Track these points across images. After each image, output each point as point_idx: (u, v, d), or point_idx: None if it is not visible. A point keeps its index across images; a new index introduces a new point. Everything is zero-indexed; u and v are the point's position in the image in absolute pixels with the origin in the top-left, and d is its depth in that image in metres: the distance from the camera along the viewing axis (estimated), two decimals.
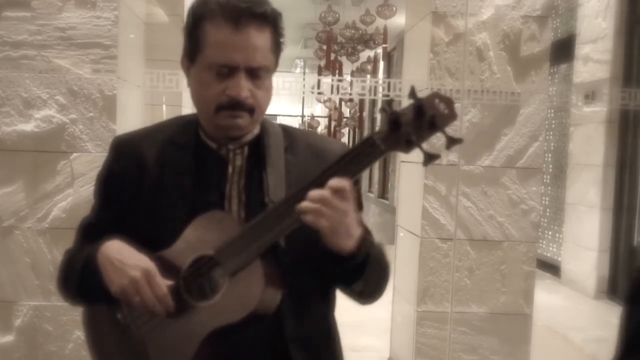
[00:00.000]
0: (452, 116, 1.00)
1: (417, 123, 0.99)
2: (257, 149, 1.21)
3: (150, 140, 1.23)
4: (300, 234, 1.07)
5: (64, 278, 1.25)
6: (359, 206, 1.18)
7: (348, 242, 1.07)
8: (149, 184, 1.19)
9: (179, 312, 1.10)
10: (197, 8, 1.16)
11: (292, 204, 1.05)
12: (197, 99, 1.18)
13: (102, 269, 1.12)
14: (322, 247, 1.09)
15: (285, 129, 1.27)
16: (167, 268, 1.11)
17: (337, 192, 1.02)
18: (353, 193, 1.05)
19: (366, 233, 1.14)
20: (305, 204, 1.03)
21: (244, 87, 1.12)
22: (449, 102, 1.00)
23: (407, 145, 1.00)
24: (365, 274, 1.14)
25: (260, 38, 1.12)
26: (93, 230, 1.23)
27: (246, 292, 1.07)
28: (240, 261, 1.08)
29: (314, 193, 1.03)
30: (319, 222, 1.03)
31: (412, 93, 0.99)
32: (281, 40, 1.18)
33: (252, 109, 1.15)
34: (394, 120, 1.00)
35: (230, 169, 1.20)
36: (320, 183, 1.04)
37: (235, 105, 1.13)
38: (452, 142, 1.00)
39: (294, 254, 1.14)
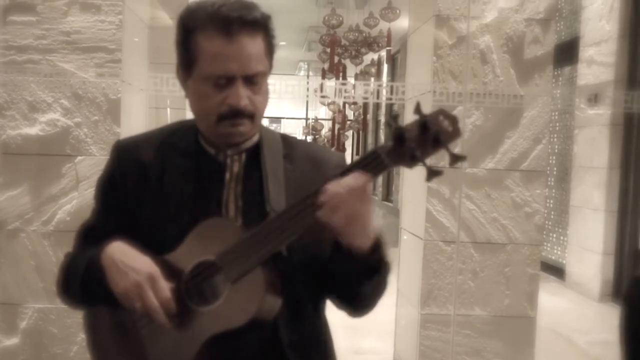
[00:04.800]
0: (456, 133, 1.01)
1: (421, 139, 1.00)
2: (255, 156, 1.21)
3: (151, 145, 1.23)
4: (302, 242, 1.08)
5: (65, 281, 1.26)
6: None
7: (364, 241, 1.07)
8: (149, 189, 1.20)
9: (180, 316, 1.11)
10: (186, 20, 1.15)
11: (295, 213, 1.05)
12: (197, 110, 1.19)
13: (106, 271, 1.12)
14: (336, 245, 1.07)
15: (285, 138, 1.27)
16: (170, 272, 1.11)
17: (355, 189, 1.02)
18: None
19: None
20: (321, 198, 1.02)
21: (242, 96, 1.12)
22: (453, 120, 1.01)
23: (411, 160, 1.01)
24: (379, 273, 1.13)
25: (253, 45, 1.12)
26: (93, 234, 1.24)
27: (247, 299, 1.08)
28: (241, 268, 1.08)
29: (332, 187, 1.02)
30: (333, 217, 1.02)
31: (418, 109, 1.00)
32: (274, 41, 1.18)
33: (252, 115, 1.15)
34: (398, 135, 1.00)
35: (227, 175, 1.20)
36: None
37: (236, 114, 1.13)
38: (455, 159, 1.01)
39: (295, 262, 1.14)
